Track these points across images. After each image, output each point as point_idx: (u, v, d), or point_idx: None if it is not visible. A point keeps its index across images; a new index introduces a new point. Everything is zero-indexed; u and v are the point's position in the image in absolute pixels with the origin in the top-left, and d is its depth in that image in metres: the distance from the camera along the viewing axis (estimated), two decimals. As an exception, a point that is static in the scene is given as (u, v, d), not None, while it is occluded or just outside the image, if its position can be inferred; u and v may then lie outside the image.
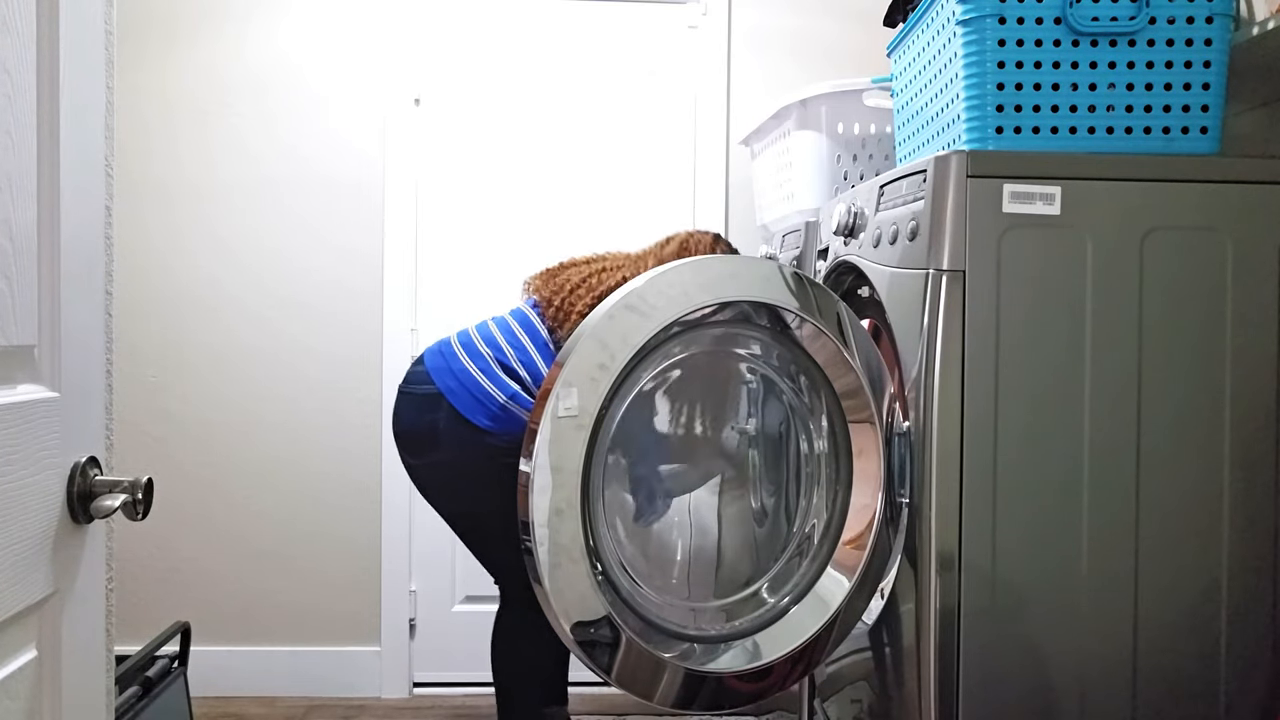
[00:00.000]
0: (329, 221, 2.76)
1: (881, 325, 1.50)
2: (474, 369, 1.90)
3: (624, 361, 1.36)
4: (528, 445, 1.35)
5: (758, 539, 1.60)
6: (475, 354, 1.92)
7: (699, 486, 1.60)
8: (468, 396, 1.87)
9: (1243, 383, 1.33)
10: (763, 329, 1.49)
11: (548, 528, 1.32)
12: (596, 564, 1.37)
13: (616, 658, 1.36)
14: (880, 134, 2.11)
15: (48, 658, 0.86)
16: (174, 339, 2.73)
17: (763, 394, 1.59)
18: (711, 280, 1.41)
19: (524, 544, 1.34)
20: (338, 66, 2.76)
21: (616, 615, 1.35)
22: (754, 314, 1.46)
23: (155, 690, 1.91)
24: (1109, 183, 1.33)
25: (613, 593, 1.39)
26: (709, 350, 1.54)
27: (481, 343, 1.94)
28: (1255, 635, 1.34)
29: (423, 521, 2.78)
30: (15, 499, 0.79)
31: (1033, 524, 1.32)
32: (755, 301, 1.43)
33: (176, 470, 2.72)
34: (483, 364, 1.90)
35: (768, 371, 1.56)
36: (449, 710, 2.67)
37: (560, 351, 1.41)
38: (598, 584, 1.35)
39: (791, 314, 1.44)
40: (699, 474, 1.60)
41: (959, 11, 1.37)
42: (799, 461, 1.58)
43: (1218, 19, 1.34)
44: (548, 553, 1.32)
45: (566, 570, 1.33)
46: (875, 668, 1.50)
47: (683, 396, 1.57)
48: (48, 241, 0.85)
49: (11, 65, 0.79)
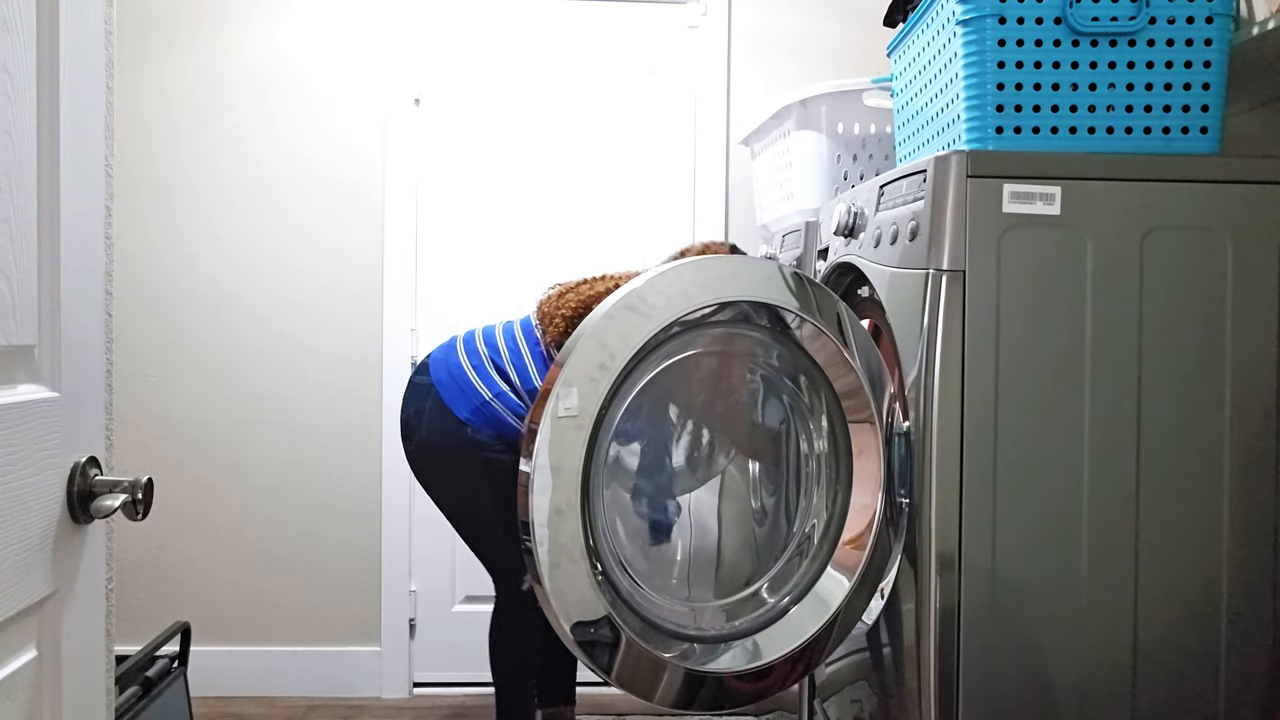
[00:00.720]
0: (329, 221, 2.76)
1: (881, 325, 1.50)
2: (467, 365, 2.00)
3: (624, 361, 1.36)
4: (527, 445, 1.35)
5: (758, 539, 1.60)
6: (472, 351, 2.02)
7: (704, 483, 1.61)
8: (454, 388, 1.98)
9: (1243, 383, 1.33)
10: (763, 329, 1.49)
11: (548, 528, 1.32)
12: (596, 564, 1.37)
13: (616, 658, 1.35)
14: (880, 134, 2.11)
15: (48, 658, 0.86)
16: (174, 339, 2.73)
17: (763, 394, 1.59)
18: (711, 280, 1.41)
19: (524, 544, 1.34)
20: (338, 66, 2.76)
21: (616, 615, 1.35)
22: (754, 314, 1.46)
23: (155, 690, 1.91)
24: (1109, 183, 1.33)
25: (613, 592, 1.39)
26: (710, 351, 1.54)
27: (481, 342, 2.04)
28: (1255, 635, 1.34)
29: (423, 521, 2.78)
30: (15, 499, 0.79)
31: (1033, 524, 1.32)
32: (755, 301, 1.43)
33: (176, 470, 2.72)
34: (476, 361, 2.00)
35: (768, 371, 1.56)
36: (449, 710, 2.67)
37: (560, 351, 1.41)
38: (598, 584, 1.35)
39: (791, 314, 1.44)
40: (703, 474, 1.60)
41: (959, 11, 1.37)
42: (799, 461, 1.58)
43: (1218, 19, 1.34)
44: (548, 553, 1.32)
45: (566, 570, 1.33)
46: (875, 668, 1.50)
47: (686, 398, 1.57)
48: (48, 241, 0.85)
49: (11, 65, 0.80)
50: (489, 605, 2.10)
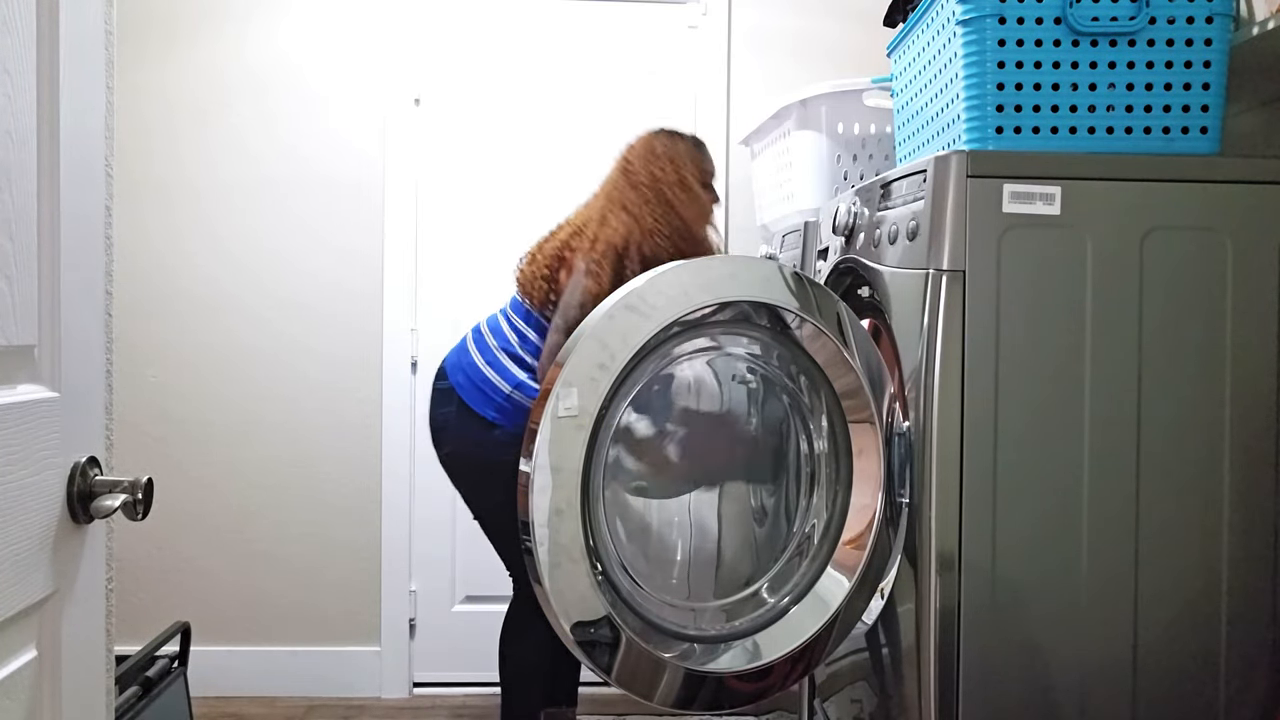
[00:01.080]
0: (329, 222, 2.76)
1: (882, 326, 1.50)
2: (480, 361, 1.96)
3: (624, 361, 1.36)
4: (527, 445, 1.35)
5: (758, 539, 1.60)
6: (483, 346, 1.99)
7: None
8: (474, 389, 1.94)
9: (1243, 383, 1.33)
10: (763, 329, 1.49)
11: (548, 528, 1.32)
12: (596, 564, 1.37)
13: (616, 658, 1.35)
14: (880, 134, 2.11)
15: (48, 658, 0.86)
16: (174, 339, 2.73)
17: (763, 394, 1.59)
18: (711, 280, 1.41)
19: (524, 544, 1.34)
20: (338, 66, 2.76)
21: (616, 615, 1.35)
22: (754, 314, 1.46)
23: (155, 690, 1.91)
24: (1109, 183, 1.33)
25: (613, 593, 1.39)
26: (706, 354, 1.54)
27: (489, 333, 2.01)
28: (1255, 635, 1.34)
29: (423, 522, 2.78)
30: (15, 499, 0.79)
31: (1033, 524, 1.32)
32: (755, 301, 1.43)
33: (176, 470, 2.72)
34: (489, 355, 1.96)
35: (768, 371, 1.56)
36: (449, 710, 2.67)
37: (560, 351, 1.41)
38: (598, 584, 1.35)
39: (791, 314, 1.44)
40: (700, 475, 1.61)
41: (959, 11, 1.37)
42: (799, 461, 1.58)
43: (1218, 19, 1.34)
44: (548, 553, 1.32)
45: (566, 570, 1.33)
46: (875, 668, 1.50)
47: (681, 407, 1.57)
48: (48, 241, 0.85)
49: (11, 65, 0.79)
50: (489, 605, 2.10)
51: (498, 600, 2.08)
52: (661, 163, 1.97)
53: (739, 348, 1.55)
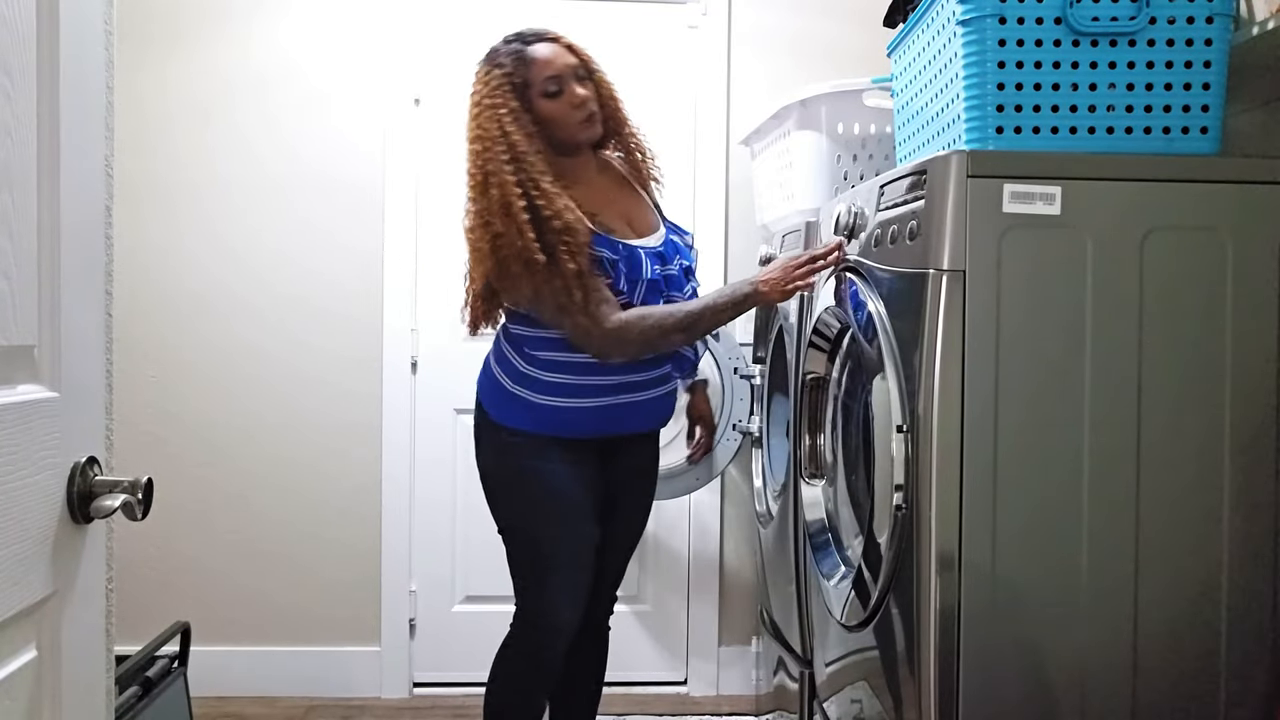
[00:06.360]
0: (329, 221, 2.76)
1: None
2: (489, 359, 2.02)
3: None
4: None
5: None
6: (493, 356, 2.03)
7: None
8: (483, 382, 1.98)
9: (1242, 383, 1.33)
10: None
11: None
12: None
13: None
14: (880, 134, 2.11)
15: (48, 658, 0.86)
16: (174, 339, 2.73)
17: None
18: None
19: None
20: (338, 66, 2.76)
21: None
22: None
23: (155, 690, 1.91)
24: (1109, 183, 1.33)
25: None
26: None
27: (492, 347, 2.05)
28: (1255, 635, 1.33)
29: (423, 522, 2.78)
30: (15, 499, 0.79)
31: (1033, 524, 1.31)
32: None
33: (176, 470, 2.72)
34: (489, 355, 2.04)
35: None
36: (449, 710, 2.67)
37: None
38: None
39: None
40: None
41: (959, 11, 1.37)
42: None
43: (1218, 19, 1.34)
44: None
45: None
46: (875, 668, 1.50)
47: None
48: (48, 241, 0.85)
49: (11, 65, 0.79)
50: (489, 605, 2.08)
51: (498, 600, 2.07)
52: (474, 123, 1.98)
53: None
